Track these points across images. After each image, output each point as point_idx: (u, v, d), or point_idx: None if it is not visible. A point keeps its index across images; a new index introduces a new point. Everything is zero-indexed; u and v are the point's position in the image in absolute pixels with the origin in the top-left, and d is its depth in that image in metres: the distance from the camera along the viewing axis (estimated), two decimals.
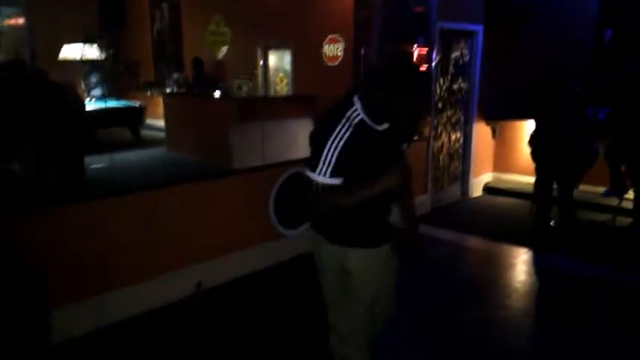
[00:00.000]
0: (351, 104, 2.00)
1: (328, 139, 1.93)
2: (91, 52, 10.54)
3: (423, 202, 5.88)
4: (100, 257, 3.31)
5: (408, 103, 1.94)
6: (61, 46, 10.10)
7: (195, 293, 3.79)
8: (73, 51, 9.92)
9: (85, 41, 10.42)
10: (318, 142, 1.98)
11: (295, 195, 4.42)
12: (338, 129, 1.94)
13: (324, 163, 1.93)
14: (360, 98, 2.01)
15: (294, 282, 4.06)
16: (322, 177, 1.94)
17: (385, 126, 2.03)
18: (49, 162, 4.04)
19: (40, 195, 3.71)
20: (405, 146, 2.21)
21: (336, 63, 6.97)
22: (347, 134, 1.93)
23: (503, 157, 6.97)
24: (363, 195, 1.98)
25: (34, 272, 2.35)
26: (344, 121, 1.96)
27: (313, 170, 1.96)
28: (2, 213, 2.44)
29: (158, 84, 10.25)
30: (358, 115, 1.98)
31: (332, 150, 1.92)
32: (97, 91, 10.08)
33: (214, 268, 3.92)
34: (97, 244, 3.30)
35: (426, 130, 5.79)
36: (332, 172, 1.93)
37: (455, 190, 6.53)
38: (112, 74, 11.45)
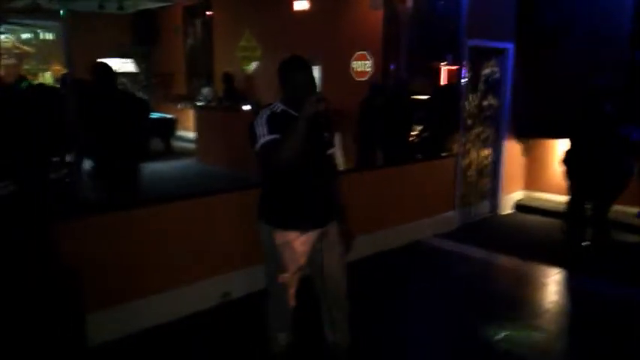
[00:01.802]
0: (269, 104, 2.62)
1: (255, 122, 2.49)
2: (126, 66, 10.87)
3: (450, 218, 5.83)
4: (133, 264, 3.38)
5: (298, 88, 2.51)
6: (95, 60, 10.44)
7: (222, 303, 3.82)
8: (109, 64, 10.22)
9: (120, 56, 10.76)
10: (250, 131, 2.51)
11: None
12: (260, 114, 2.53)
13: (260, 133, 2.43)
14: (280, 101, 2.60)
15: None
16: (263, 139, 2.41)
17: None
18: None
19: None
20: (327, 135, 2.63)
21: (365, 78, 7.02)
22: (268, 112, 2.51)
23: (534, 175, 6.87)
24: (298, 128, 2.33)
25: (72, 277, 2.42)
26: (261, 113, 2.53)
27: (257, 142, 2.44)
28: (46, 219, 2.53)
29: (189, 97, 10.47)
30: (279, 107, 2.55)
31: (260, 124, 2.46)
32: None
33: (244, 277, 3.95)
34: (130, 252, 3.37)
35: (455, 147, 5.77)
36: (268, 132, 2.42)
37: (484, 207, 6.45)
38: (145, 87, 11.76)
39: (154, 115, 9.57)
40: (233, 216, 3.92)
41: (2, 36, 10.37)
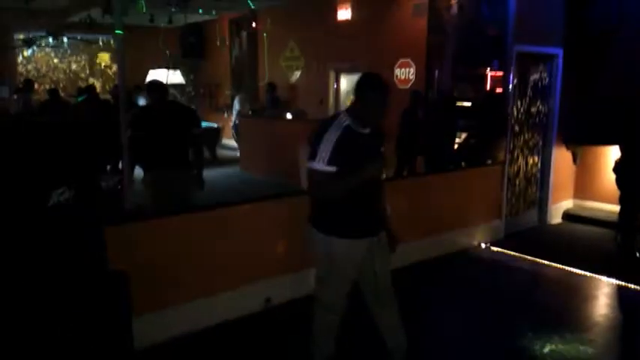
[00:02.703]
0: (339, 115, 2.67)
1: (323, 137, 2.52)
2: (174, 77, 11.25)
3: (496, 227, 5.70)
4: (179, 269, 3.48)
5: (370, 108, 2.57)
6: (146, 72, 10.87)
7: (265, 309, 3.87)
8: (158, 75, 10.63)
9: (169, 67, 11.15)
10: (315, 141, 2.55)
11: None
12: (330, 130, 2.54)
13: (321, 154, 2.49)
14: (347, 111, 2.65)
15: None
16: (320, 165, 2.49)
17: (367, 130, 2.62)
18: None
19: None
20: (382, 149, 2.76)
21: (408, 86, 7.00)
22: (338, 133, 2.52)
23: (584, 184, 6.62)
24: (353, 180, 2.51)
25: (120, 280, 2.52)
26: (335, 124, 2.57)
27: (313, 160, 2.51)
28: (100, 224, 2.65)
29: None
30: (345, 121, 2.58)
31: (327, 144, 2.50)
32: None
33: (285, 284, 3.99)
34: (175, 256, 3.47)
35: (501, 155, 5.65)
36: (328, 160, 2.48)
37: (531, 216, 6.27)
38: (193, 97, 12.13)
39: (203, 125, 9.85)
40: (275, 223, 3.98)
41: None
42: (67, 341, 2.29)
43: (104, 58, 12.63)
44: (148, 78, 10.31)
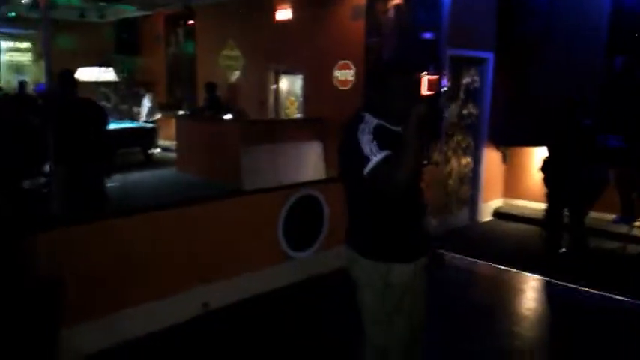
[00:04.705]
0: (361, 117, 2.13)
1: (360, 140, 2.03)
2: (106, 74, 10.79)
3: (432, 226, 5.86)
4: (111, 275, 3.34)
5: (397, 96, 2.08)
6: (75, 69, 10.36)
7: (203, 313, 3.78)
8: (88, 73, 10.17)
9: (100, 64, 10.69)
10: (349, 149, 2.08)
11: (305, 217, 4.45)
12: (360, 131, 2.06)
13: (370, 150, 2.00)
14: (367, 110, 2.15)
15: (302, 304, 4.04)
16: (375, 156, 1.99)
17: (400, 128, 2.10)
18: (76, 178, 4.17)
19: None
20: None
21: (348, 87, 7.07)
22: (370, 135, 2.04)
23: (513, 183, 6.96)
24: (412, 143, 1.99)
25: (50, 288, 2.38)
26: (362, 128, 2.07)
27: (366, 163, 2.00)
28: (18, 230, 2.48)
29: (171, 106, 10.41)
30: (373, 121, 2.09)
31: (366, 142, 2.02)
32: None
33: (222, 288, 3.92)
34: (108, 262, 3.33)
35: (435, 155, 5.82)
36: (377, 149, 2.00)
37: (464, 215, 6.51)
38: (126, 96, 11.69)
39: (134, 125, 9.52)
40: (213, 226, 3.90)
41: None
42: None
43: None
44: (78, 75, 9.83)
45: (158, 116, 10.08)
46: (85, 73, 9.99)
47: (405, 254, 2.19)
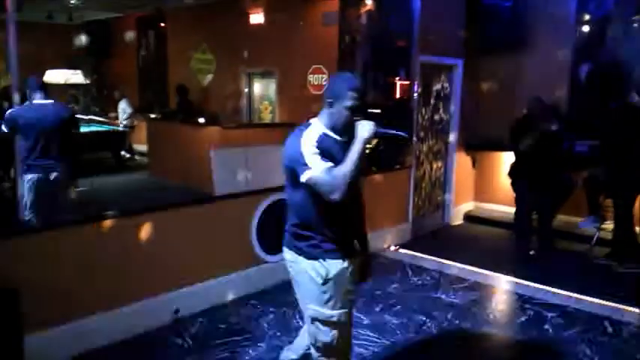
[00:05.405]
0: (309, 124, 2.33)
1: (302, 146, 2.19)
2: (75, 77, 10.56)
3: (404, 229, 5.92)
4: (75, 282, 3.26)
5: (346, 113, 2.25)
6: (43, 71, 10.11)
7: (173, 321, 3.73)
8: (56, 76, 9.94)
9: (69, 67, 10.46)
10: (293, 157, 2.22)
11: (278, 221, 4.43)
12: (304, 141, 2.21)
13: (309, 158, 2.16)
14: (318, 116, 2.35)
15: (274, 309, 4.03)
16: (315, 166, 2.15)
17: (345, 138, 2.29)
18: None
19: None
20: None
21: (321, 92, 7.09)
22: (315, 137, 2.23)
23: (483, 187, 7.08)
24: (356, 156, 2.14)
25: (8, 296, 2.31)
26: (306, 134, 2.24)
27: (304, 170, 2.16)
28: None
29: (142, 109, 10.25)
30: (319, 128, 2.29)
31: (308, 148, 2.18)
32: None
33: (193, 295, 3.88)
34: (73, 269, 3.25)
35: (408, 159, 5.89)
36: (320, 159, 2.16)
37: (436, 218, 6.59)
38: (96, 98, 11.46)
39: (104, 128, 9.33)
40: (183, 231, 3.86)
41: None
42: None
43: None
44: (46, 77, 9.60)
45: (136, 121, 9.92)
46: (53, 76, 9.76)
47: (336, 253, 2.34)
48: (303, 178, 2.17)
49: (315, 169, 2.14)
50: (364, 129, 2.19)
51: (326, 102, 2.31)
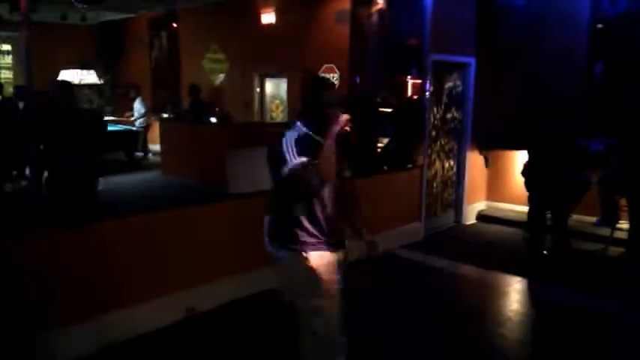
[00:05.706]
0: (294, 123, 2.50)
1: (283, 143, 2.37)
2: (88, 77, 10.68)
3: (416, 229, 5.90)
4: (94, 279, 3.30)
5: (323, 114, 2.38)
6: (58, 72, 10.24)
7: (187, 317, 3.75)
8: (70, 76, 10.05)
9: (82, 67, 10.57)
10: (273, 154, 2.42)
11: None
12: (288, 139, 2.38)
13: (289, 154, 2.34)
14: (299, 119, 2.49)
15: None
16: (294, 159, 2.32)
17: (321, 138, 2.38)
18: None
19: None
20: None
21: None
22: (294, 136, 2.38)
23: (496, 186, 7.03)
24: (327, 155, 2.27)
25: (30, 291, 2.34)
26: (290, 134, 2.41)
27: (285, 165, 2.33)
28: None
29: (155, 108, 10.33)
30: (301, 129, 2.43)
31: (290, 146, 2.35)
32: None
33: (208, 292, 3.89)
34: (91, 267, 3.29)
35: (420, 158, 5.86)
36: (298, 153, 2.32)
37: (448, 217, 6.56)
38: (110, 98, 11.58)
39: (118, 128, 9.42)
40: (199, 229, 3.88)
41: None
42: None
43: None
44: (60, 78, 9.72)
45: (150, 121, 10.00)
46: (67, 76, 9.88)
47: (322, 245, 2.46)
48: (284, 172, 2.34)
49: (294, 163, 2.31)
50: (337, 121, 2.31)
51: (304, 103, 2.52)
